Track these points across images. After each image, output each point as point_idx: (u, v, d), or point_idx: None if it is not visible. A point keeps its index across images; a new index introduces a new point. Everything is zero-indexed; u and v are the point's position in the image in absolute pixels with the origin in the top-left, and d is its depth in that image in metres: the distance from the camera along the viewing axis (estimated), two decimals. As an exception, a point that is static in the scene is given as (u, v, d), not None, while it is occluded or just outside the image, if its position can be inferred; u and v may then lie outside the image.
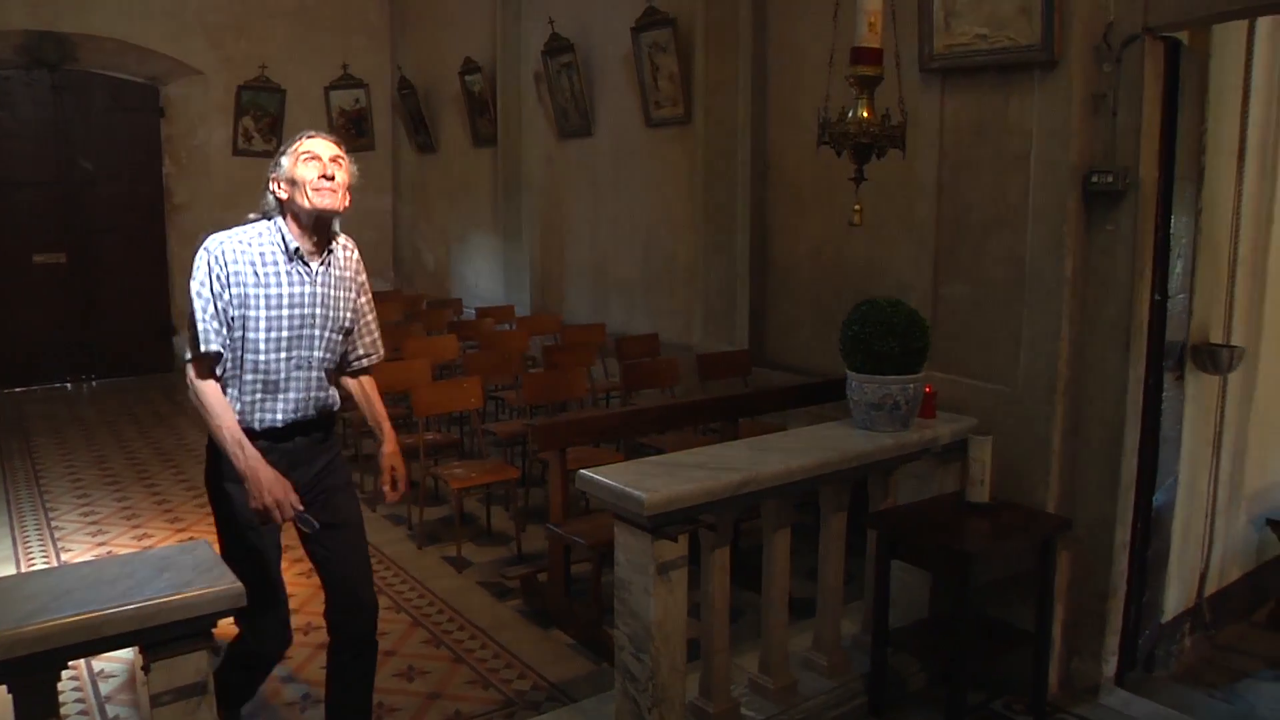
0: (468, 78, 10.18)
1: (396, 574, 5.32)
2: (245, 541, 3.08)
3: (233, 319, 2.94)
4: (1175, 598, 4.45)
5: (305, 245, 3.02)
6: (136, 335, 11.09)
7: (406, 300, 10.31)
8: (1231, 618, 4.94)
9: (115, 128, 10.85)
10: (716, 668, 3.39)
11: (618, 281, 8.58)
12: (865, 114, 3.51)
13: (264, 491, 2.88)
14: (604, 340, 7.89)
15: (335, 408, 3.25)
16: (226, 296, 2.92)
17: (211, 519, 3.19)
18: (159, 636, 2.24)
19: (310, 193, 2.95)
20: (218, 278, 2.92)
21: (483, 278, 10.68)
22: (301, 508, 2.96)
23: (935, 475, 3.98)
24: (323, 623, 3.36)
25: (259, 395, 3.01)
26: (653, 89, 7.69)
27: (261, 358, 2.97)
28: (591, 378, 7.00)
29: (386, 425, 3.50)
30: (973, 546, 3.46)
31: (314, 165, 2.96)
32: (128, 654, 3.77)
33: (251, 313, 2.94)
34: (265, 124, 11.24)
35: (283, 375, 3.02)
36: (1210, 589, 4.68)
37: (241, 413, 2.99)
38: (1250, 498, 4.97)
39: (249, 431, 2.98)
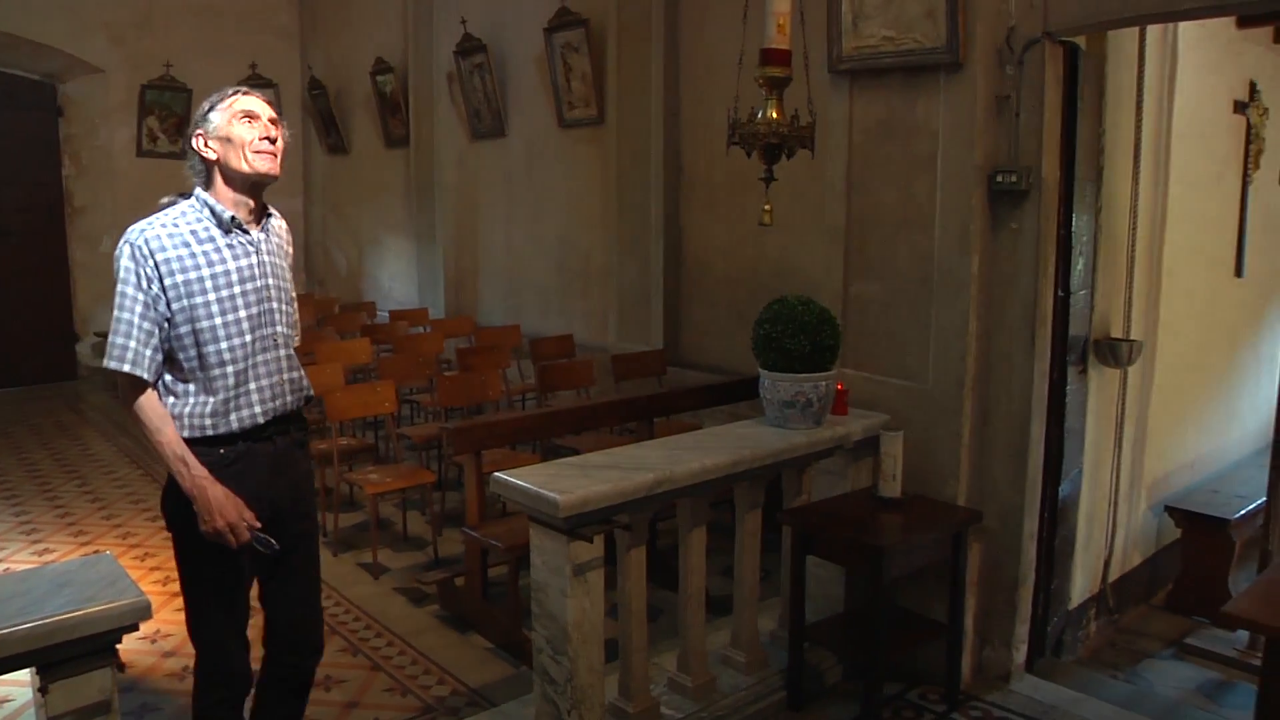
0: (379, 78, 10.06)
1: (311, 582, 5.22)
2: (214, 568, 2.70)
3: (172, 317, 2.57)
4: (1081, 584, 4.58)
5: (240, 214, 2.69)
6: (37, 342, 10.70)
7: (319, 304, 10.13)
8: (1133, 601, 5.10)
9: (8, 127, 10.43)
10: (635, 667, 3.39)
11: (532, 283, 8.55)
12: (774, 114, 3.55)
13: (214, 513, 2.54)
14: (519, 342, 7.86)
15: (310, 394, 2.94)
16: (156, 293, 2.55)
17: (126, 535, 3.02)
18: (57, 656, 2.14)
19: (250, 155, 2.64)
20: (145, 275, 2.55)
21: (396, 280, 10.56)
22: (259, 525, 2.63)
23: (848, 471, 4.04)
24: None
25: (231, 390, 2.65)
26: (566, 90, 7.68)
27: (224, 345, 2.62)
28: (507, 380, 6.96)
29: None
30: (885, 540, 3.51)
31: (254, 125, 2.66)
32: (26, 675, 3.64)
33: (199, 299, 2.58)
34: (171, 124, 10.93)
35: (252, 360, 2.68)
36: (1114, 575, 4.83)
37: (213, 415, 2.63)
38: (1150, 486, 5.14)
39: (225, 436, 2.66)
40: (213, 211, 2.66)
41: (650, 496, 3.18)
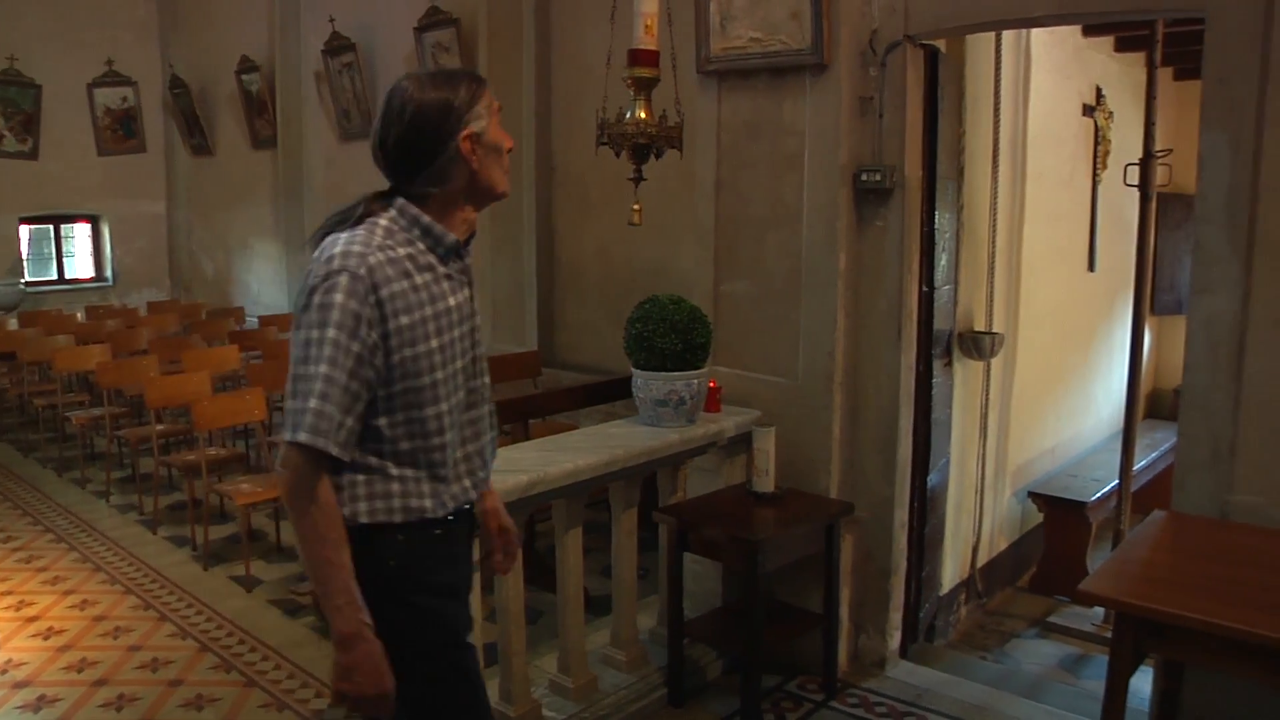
0: (244, 77, 9.79)
1: (181, 598, 5.03)
2: (440, 666, 2.16)
3: (389, 373, 1.97)
4: (951, 571, 4.73)
5: (463, 235, 2.10)
6: None
7: (184, 310, 9.84)
8: (1000, 585, 5.29)
9: None
10: (515, 670, 3.36)
11: (406, 286, 8.40)
12: (643, 115, 3.56)
13: (377, 674, 1.93)
14: (394, 346, 7.70)
15: None
16: (375, 341, 1.93)
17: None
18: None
19: (504, 172, 2.13)
20: (366, 319, 1.91)
21: (266, 285, 10.28)
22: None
23: (722, 468, 4.08)
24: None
25: (446, 464, 2.08)
26: (439, 89, 7.57)
27: (444, 406, 2.04)
28: (380, 385, 6.83)
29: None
30: (760, 535, 3.56)
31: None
32: None
33: (422, 348, 1.98)
34: (18, 121, 10.41)
35: (467, 419, 2.14)
36: (981, 560, 5.00)
37: (419, 496, 2.04)
38: (1013, 473, 5.34)
39: (426, 522, 2.05)
40: (430, 233, 2.04)
41: (525, 498, 3.16)
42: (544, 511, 3.67)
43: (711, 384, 3.92)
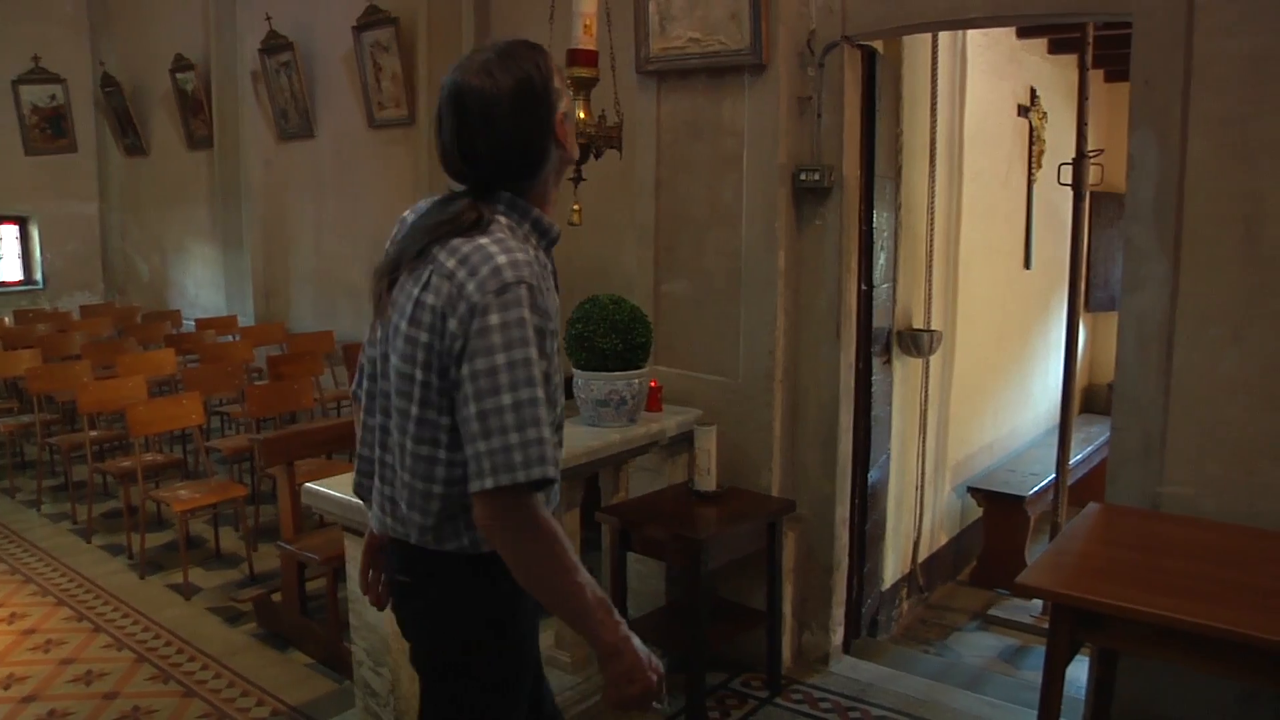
0: (179, 76, 9.60)
1: (117, 608, 4.92)
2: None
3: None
4: (893, 566, 4.78)
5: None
6: None
7: (119, 313, 9.63)
8: (941, 579, 5.37)
9: None
10: (459, 675, 3.33)
11: (346, 286, 8.32)
12: (582, 115, 3.55)
13: (651, 668, 1.80)
14: (333, 348, 7.65)
15: None
16: (550, 354, 1.80)
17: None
18: None
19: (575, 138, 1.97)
20: (548, 332, 1.78)
21: (203, 287, 10.11)
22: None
23: (664, 467, 4.09)
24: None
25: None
26: (376, 90, 7.51)
27: (558, 416, 1.91)
28: (320, 387, 6.76)
29: None
30: (703, 533, 3.57)
31: None
32: None
33: (558, 358, 1.86)
34: (-58, 118, 10.14)
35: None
36: (923, 555, 5.06)
37: None
38: (953, 468, 5.41)
39: None
40: (539, 226, 1.89)
41: (467, 501, 3.13)
42: (486, 513, 3.63)
43: (653, 383, 3.92)
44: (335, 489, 2.99)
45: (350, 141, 8.03)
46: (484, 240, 1.75)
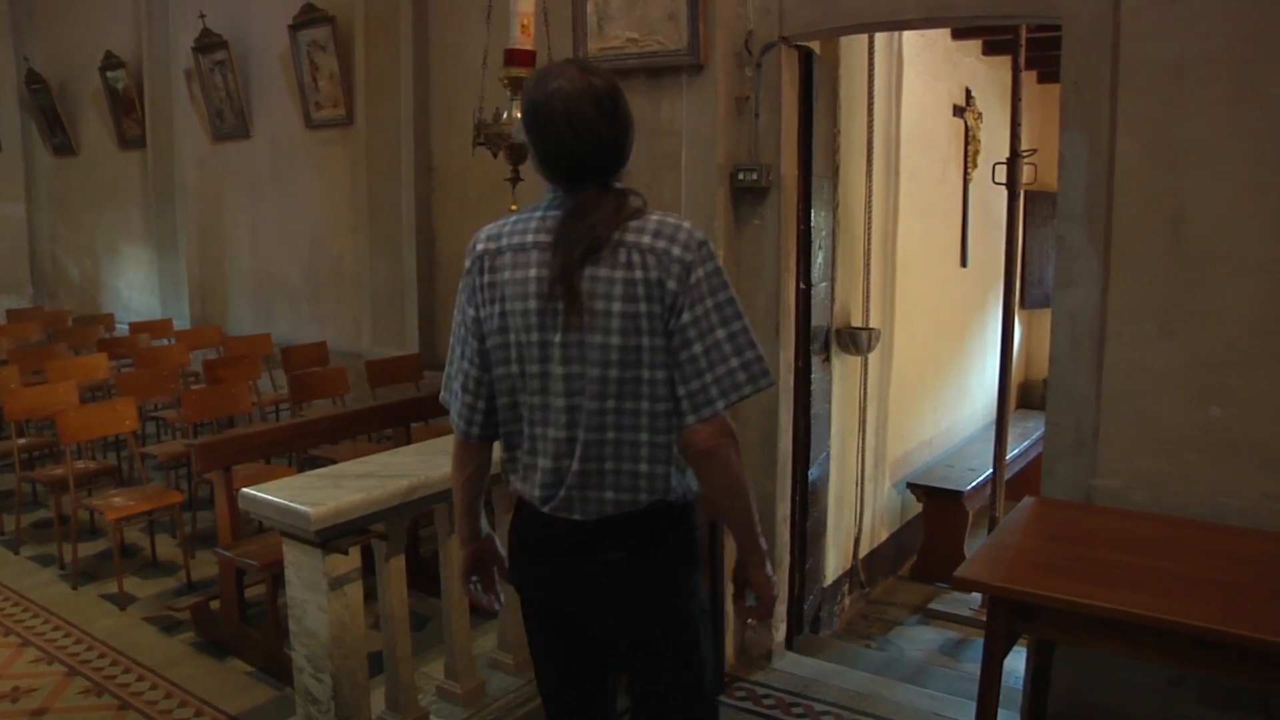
0: (110, 74, 9.40)
1: (47, 620, 4.80)
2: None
3: None
4: (834, 562, 4.83)
5: None
6: None
7: (49, 317, 9.40)
8: (882, 574, 5.43)
9: None
10: (402, 678, 3.31)
11: (283, 289, 8.22)
12: (519, 115, 3.53)
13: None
14: (270, 351, 7.54)
15: None
16: None
17: None
18: None
19: None
20: None
21: (137, 291, 9.90)
22: None
23: (609, 466, 4.07)
24: None
25: None
26: (313, 89, 7.42)
27: None
28: (258, 391, 6.66)
29: None
30: (646, 532, 3.56)
31: None
32: None
33: None
34: None
35: None
36: (863, 551, 5.11)
37: None
38: (892, 465, 5.47)
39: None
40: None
41: (407, 503, 3.11)
42: (427, 516, 3.61)
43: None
44: (273, 493, 2.95)
45: (287, 142, 7.92)
46: (656, 216, 2.01)
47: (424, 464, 3.27)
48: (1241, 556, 2.74)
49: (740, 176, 3.85)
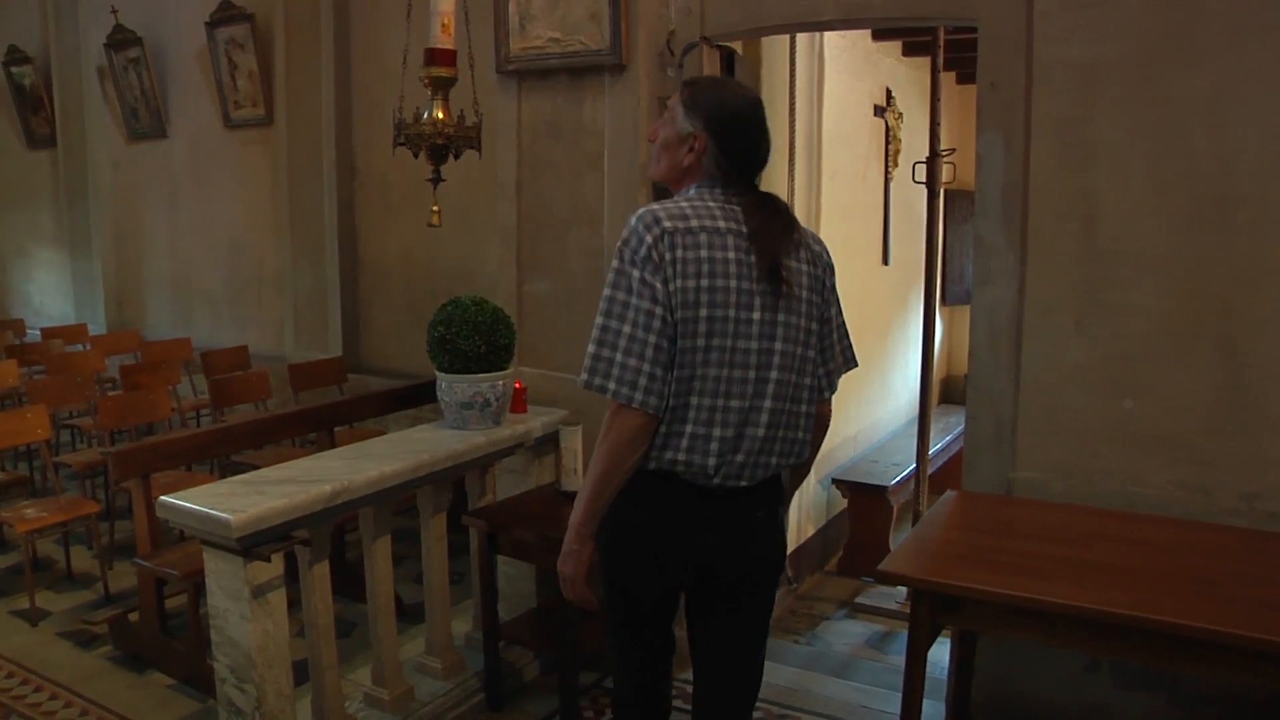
0: (15, 70, 9.11)
1: (-48, 639, 4.65)
2: None
3: None
4: (762, 559, 4.84)
5: None
6: None
7: (-46, 324, 9.07)
8: (810, 570, 5.47)
9: None
10: (328, 686, 3.27)
11: (203, 292, 8.04)
12: (440, 115, 3.51)
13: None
14: (190, 355, 7.39)
15: None
16: None
17: None
18: None
19: None
20: None
21: (49, 295, 9.61)
22: None
23: (531, 468, 4.07)
24: None
25: None
26: (231, 88, 7.28)
27: None
28: (178, 397, 6.50)
29: None
30: (572, 533, 3.55)
31: None
32: None
33: None
34: None
35: None
36: (791, 547, 5.14)
37: None
38: (819, 461, 5.50)
39: None
40: None
41: (330, 508, 3.06)
42: (352, 520, 3.57)
43: (517, 385, 3.90)
44: (192, 500, 2.89)
45: (205, 142, 7.75)
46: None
47: (347, 468, 3.23)
48: (1154, 543, 2.82)
49: (663, 176, 3.86)
